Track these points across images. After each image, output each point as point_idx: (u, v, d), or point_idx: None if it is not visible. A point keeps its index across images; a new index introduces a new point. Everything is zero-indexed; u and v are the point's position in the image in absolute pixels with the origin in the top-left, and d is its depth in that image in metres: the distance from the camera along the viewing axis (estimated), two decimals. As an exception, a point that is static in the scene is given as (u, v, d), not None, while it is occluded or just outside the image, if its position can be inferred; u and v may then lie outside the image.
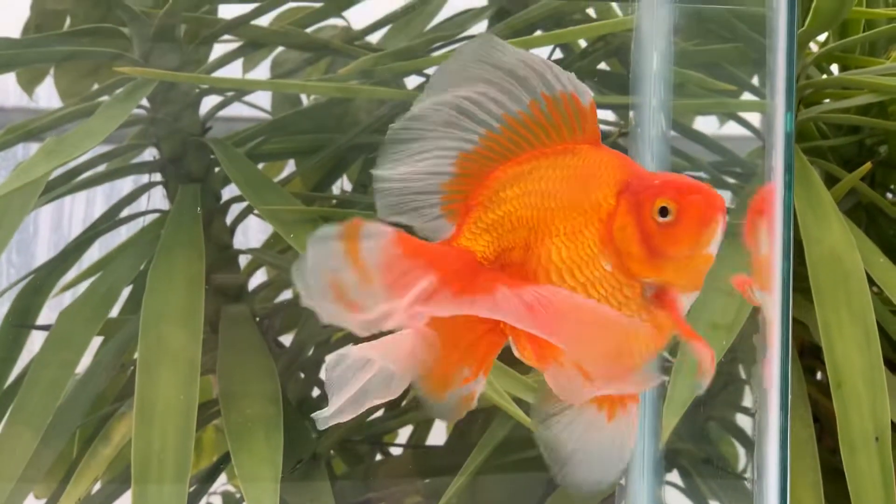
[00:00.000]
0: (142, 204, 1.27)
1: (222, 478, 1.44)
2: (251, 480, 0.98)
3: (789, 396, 0.82)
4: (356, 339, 1.29)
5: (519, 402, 0.96)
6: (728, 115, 1.31)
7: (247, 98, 1.34)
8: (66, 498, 1.04)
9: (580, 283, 0.64)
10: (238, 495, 1.38)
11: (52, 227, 1.70)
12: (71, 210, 1.68)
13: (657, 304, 0.64)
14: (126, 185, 1.35)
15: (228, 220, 1.22)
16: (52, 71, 1.43)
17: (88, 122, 1.06)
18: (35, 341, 1.20)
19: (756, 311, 0.87)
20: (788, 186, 0.82)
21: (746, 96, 1.23)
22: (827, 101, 1.30)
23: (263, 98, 1.45)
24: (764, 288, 0.80)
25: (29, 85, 1.47)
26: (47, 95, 1.46)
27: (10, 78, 1.46)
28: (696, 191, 0.63)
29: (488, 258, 0.66)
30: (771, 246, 0.77)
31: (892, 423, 1.04)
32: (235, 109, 1.36)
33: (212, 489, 1.43)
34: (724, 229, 0.63)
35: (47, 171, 0.98)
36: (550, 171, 0.65)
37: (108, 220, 1.23)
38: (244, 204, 1.20)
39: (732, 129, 1.36)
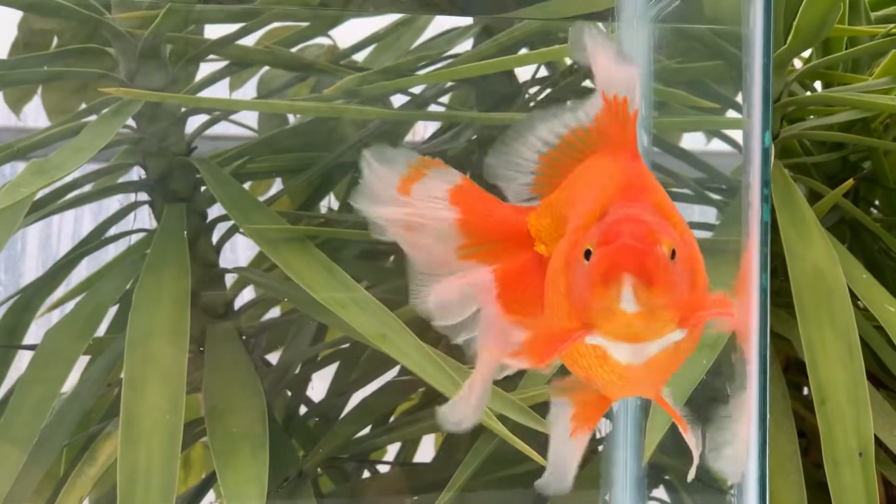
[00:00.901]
0: (129, 223, 1.27)
1: (210, 496, 1.44)
2: (237, 499, 0.99)
3: (768, 412, 0.82)
4: (343, 358, 1.29)
5: (504, 419, 0.96)
6: (711, 132, 1.32)
7: (233, 116, 1.35)
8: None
9: (547, 294, 0.64)
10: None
11: (40, 245, 1.70)
12: (59, 228, 1.69)
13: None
14: (114, 203, 1.35)
15: (214, 238, 1.22)
16: (39, 90, 1.43)
17: (74, 141, 1.06)
18: (23, 360, 1.20)
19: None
20: (766, 200, 0.82)
21: (732, 114, 1.24)
22: (811, 118, 1.30)
23: (250, 117, 1.45)
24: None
25: (16, 104, 1.48)
26: (35, 114, 1.46)
27: (-2, 98, 1.47)
28: (610, 241, 0.58)
29: (544, 239, 0.67)
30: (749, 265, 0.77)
31: (875, 438, 1.05)
32: (222, 128, 1.36)
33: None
34: (641, 291, 0.57)
35: (33, 191, 0.98)
36: (595, 174, 0.65)
37: (95, 240, 1.23)
38: (230, 223, 1.20)
39: (720, 145, 1.36)
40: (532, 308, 0.67)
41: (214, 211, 1.23)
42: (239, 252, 1.43)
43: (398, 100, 1.31)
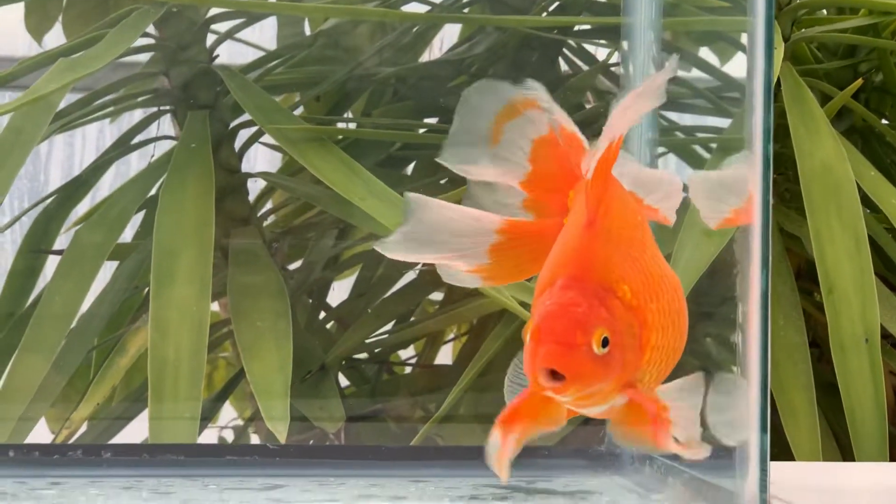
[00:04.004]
0: (152, 133, 1.29)
1: (232, 413, 1.48)
2: (263, 389, 1.02)
3: (769, 308, 0.82)
4: (367, 260, 1.31)
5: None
6: (720, 36, 1.32)
7: (252, 39, 1.36)
8: (85, 404, 1.08)
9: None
10: (249, 429, 1.41)
11: (63, 173, 1.73)
12: (82, 155, 1.71)
13: None
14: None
15: (237, 146, 1.25)
16: (60, 18, 1.45)
17: (97, 46, 1.08)
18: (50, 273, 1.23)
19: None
20: (767, 109, 0.82)
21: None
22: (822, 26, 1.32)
23: (269, 40, 1.47)
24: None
25: (37, 32, 1.49)
26: (56, 42, 1.48)
27: (20, 27, 1.49)
28: (538, 338, 0.60)
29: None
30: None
31: (885, 331, 1.08)
32: (240, 55, 1.38)
33: (223, 424, 1.47)
34: (564, 390, 0.60)
35: (63, 85, 1.01)
36: (573, 216, 0.65)
37: (120, 148, 1.26)
38: (253, 129, 1.23)
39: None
40: (521, 272, 0.68)
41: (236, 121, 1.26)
42: (259, 167, 1.46)
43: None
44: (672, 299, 0.65)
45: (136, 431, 1.20)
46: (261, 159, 1.43)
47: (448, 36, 1.46)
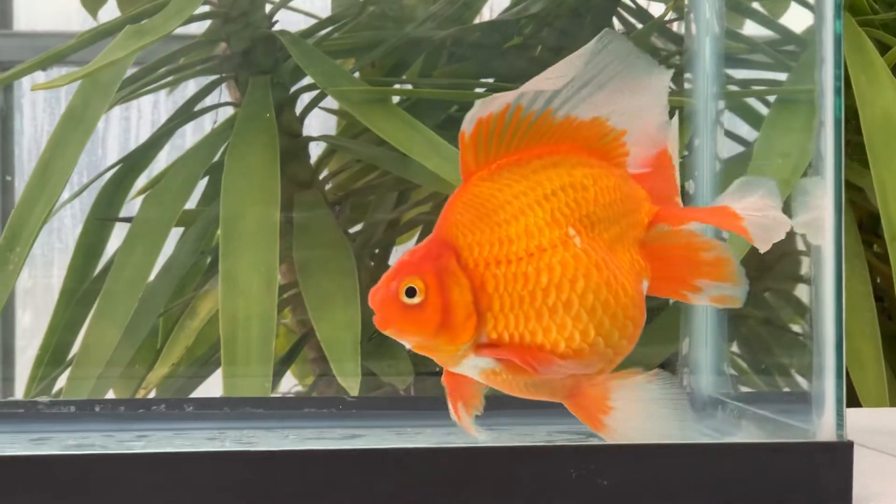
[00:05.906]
0: (209, 102, 1.31)
1: (293, 380, 1.50)
2: (334, 344, 1.04)
3: (843, 251, 0.81)
4: (425, 224, 1.32)
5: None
6: None
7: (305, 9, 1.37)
8: (160, 364, 1.10)
9: None
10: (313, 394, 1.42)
11: (119, 147, 1.75)
12: (138, 129, 1.73)
13: None
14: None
15: (297, 112, 1.27)
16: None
17: (162, 13, 1.10)
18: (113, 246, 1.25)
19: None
20: (837, 64, 0.80)
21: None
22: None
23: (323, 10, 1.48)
24: None
25: (92, 7, 1.51)
26: (111, 17, 1.50)
27: (74, 3, 1.51)
28: None
29: None
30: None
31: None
32: (294, 24, 1.40)
33: (284, 391, 1.49)
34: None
35: (131, 52, 1.03)
36: None
37: (182, 115, 1.28)
38: (312, 94, 1.24)
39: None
40: None
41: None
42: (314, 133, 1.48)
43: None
44: (547, 272, 0.64)
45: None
46: (315, 125, 1.45)
47: (496, 4, 1.47)
